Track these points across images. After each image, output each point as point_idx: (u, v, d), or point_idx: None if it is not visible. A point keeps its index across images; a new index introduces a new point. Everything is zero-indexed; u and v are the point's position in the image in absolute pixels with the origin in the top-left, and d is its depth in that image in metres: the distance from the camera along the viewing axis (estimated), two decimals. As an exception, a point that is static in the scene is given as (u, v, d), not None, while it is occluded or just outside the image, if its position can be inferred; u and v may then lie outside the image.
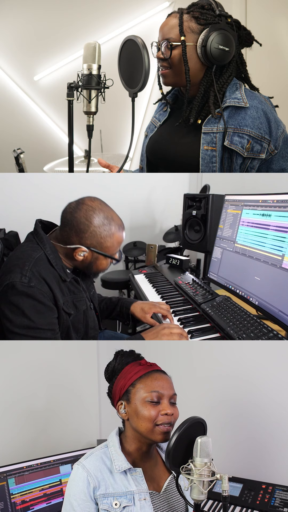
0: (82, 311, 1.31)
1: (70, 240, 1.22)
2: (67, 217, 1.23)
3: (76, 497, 0.89)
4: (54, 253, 1.23)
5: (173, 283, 1.88)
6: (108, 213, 1.24)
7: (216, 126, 1.40)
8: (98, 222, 1.21)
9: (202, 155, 1.42)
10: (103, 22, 3.09)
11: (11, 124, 3.39)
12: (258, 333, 1.18)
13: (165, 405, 0.95)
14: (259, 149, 1.39)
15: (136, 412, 0.94)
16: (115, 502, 0.89)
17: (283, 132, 1.44)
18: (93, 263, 1.27)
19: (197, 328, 1.34)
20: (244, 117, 1.37)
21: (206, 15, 1.37)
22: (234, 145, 1.38)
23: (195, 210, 2.00)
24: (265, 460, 1.48)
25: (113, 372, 1.03)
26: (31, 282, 1.12)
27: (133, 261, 3.17)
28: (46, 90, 3.32)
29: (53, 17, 3.11)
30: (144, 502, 0.91)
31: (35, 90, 3.33)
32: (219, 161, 1.41)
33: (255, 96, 1.42)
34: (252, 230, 1.47)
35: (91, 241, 1.22)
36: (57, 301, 1.19)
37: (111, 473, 0.92)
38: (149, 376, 0.98)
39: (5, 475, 1.40)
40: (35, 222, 1.30)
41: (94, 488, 0.90)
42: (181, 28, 1.36)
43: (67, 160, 1.50)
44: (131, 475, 0.93)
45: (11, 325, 1.12)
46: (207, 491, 0.82)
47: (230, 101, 1.39)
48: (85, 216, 1.20)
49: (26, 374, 1.72)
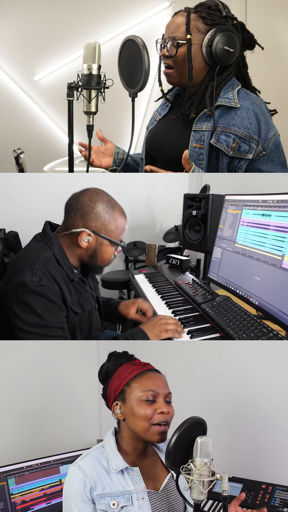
0: (87, 311, 1.33)
1: (74, 225, 1.24)
2: (71, 203, 1.26)
3: (73, 498, 0.89)
4: (62, 253, 1.24)
5: (173, 283, 1.88)
6: (111, 199, 1.29)
7: (206, 124, 1.42)
8: (102, 205, 1.24)
9: (190, 152, 1.43)
10: (103, 22, 3.09)
11: (11, 124, 3.39)
12: (258, 333, 1.18)
13: (160, 403, 0.95)
14: (246, 149, 1.41)
15: (132, 411, 0.94)
16: (112, 502, 0.89)
17: (275, 135, 1.45)
18: (98, 250, 1.27)
19: (197, 328, 1.34)
20: (233, 117, 1.39)
21: (213, 16, 1.39)
22: (220, 144, 1.40)
23: (195, 210, 2.00)
24: (265, 460, 1.48)
25: (107, 374, 1.03)
26: (42, 281, 1.13)
27: (133, 261, 3.17)
28: (46, 90, 3.32)
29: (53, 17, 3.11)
30: (142, 501, 0.91)
31: (35, 90, 3.34)
32: (206, 159, 1.43)
33: (249, 97, 1.44)
34: (252, 230, 1.47)
35: (95, 223, 1.24)
36: (66, 300, 1.20)
37: (108, 473, 0.92)
38: (144, 375, 0.98)
39: (5, 475, 1.40)
40: (45, 223, 1.32)
41: (90, 489, 0.89)
42: (188, 26, 1.38)
43: (67, 160, 1.50)
44: (128, 474, 0.93)
45: (22, 324, 1.13)
46: (207, 491, 0.82)
47: (221, 100, 1.41)
48: (89, 199, 1.24)
49: (26, 374, 1.72)
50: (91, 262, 1.31)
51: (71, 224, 1.25)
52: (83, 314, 1.31)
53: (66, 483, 0.93)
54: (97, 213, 1.24)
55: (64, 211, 1.29)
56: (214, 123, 1.40)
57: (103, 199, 1.26)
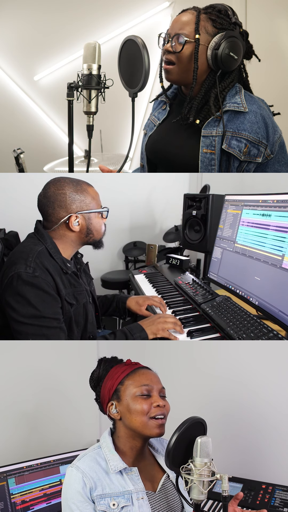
0: (82, 304, 1.35)
1: (59, 216, 1.29)
2: (43, 201, 1.31)
3: (74, 499, 0.89)
4: (55, 248, 1.28)
5: (173, 283, 1.88)
6: (72, 179, 1.34)
7: (216, 130, 1.42)
8: (69, 188, 1.30)
9: (201, 158, 1.43)
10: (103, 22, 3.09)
11: (11, 124, 3.39)
12: (258, 333, 1.18)
13: (156, 397, 0.96)
14: (256, 153, 1.41)
15: (128, 408, 0.95)
16: (112, 503, 0.89)
17: (280, 137, 1.46)
18: (90, 226, 1.32)
19: (197, 328, 1.34)
20: (242, 122, 1.39)
21: (222, 20, 1.39)
22: (232, 149, 1.40)
23: (195, 210, 2.00)
24: (265, 460, 1.48)
25: (98, 379, 1.04)
26: (36, 272, 1.17)
27: (133, 261, 3.17)
28: (46, 90, 3.31)
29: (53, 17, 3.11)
30: (142, 501, 0.91)
31: (35, 90, 3.33)
32: (218, 164, 1.43)
33: (255, 101, 1.44)
34: (252, 230, 1.47)
35: (75, 205, 1.29)
36: (60, 291, 1.23)
37: (107, 474, 0.92)
38: (136, 372, 0.99)
39: (5, 475, 1.40)
40: (36, 222, 1.35)
41: (90, 489, 0.89)
42: (198, 26, 1.37)
43: (67, 160, 1.50)
44: (126, 474, 0.93)
45: (17, 315, 1.15)
46: (207, 491, 0.82)
47: (230, 105, 1.40)
48: (56, 189, 1.29)
49: (26, 374, 1.72)
50: (90, 239, 1.35)
51: (56, 217, 1.29)
52: (78, 306, 1.33)
53: (64, 484, 0.93)
54: (70, 196, 1.29)
55: (41, 213, 1.33)
56: (224, 128, 1.39)
57: (66, 182, 1.31)
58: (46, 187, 1.32)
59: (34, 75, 3.28)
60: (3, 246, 1.46)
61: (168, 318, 1.33)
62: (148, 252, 2.45)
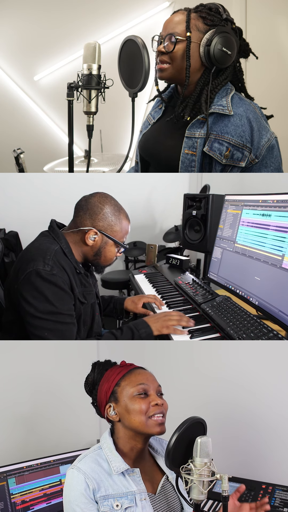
0: (90, 304, 1.39)
1: (83, 223, 1.33)
2: (82, 204, 1.35)
3: (77, 501, 0.88)
4: (69, 248, 1.33)
5: (173, 283, 1.88)
6: (118, 204, 1.38)
7: (199, 131, 1.42)
8: (110, 207, 1.34)
9: (182, 158, 1.44)
10: (103, 22, 3.09)
11: (11, 124, 3.39)
12: (258, 333, 1.18)
13: (153, 396, 0.96)
14: (239, 157, 1.40)
15: (127, 408, 0.95)
16: (116, 504, 0.88)
17: (268, 141, 1.43)
18: (102, 249, 1.35)
19: (197, 328, 1.34)
20: (226, 125, 1.38)
21: (213, 17, 1.39)
22: (213, 152, 1.40)
23: (195, 210, 2.00)
24: (265, 460, 1.48)
25: (93, 384, 1.04)
26: (53, 270, 1.21)
27: (133, 261, 3.17)
28: (46, 90, 3.31)
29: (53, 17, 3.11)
30: (145, 502, 0.91)
31: (35, 90, 3.33)
32: (198, 166, 1.43)
33: (243, 103, 1.42)
34: (252, 230, 1.47)
35: (102, 223, 1.32)
36: (73, 289, 1.28)
37: (109, 475, 0.92)
38: (132, 372, 1.00)
39: (5, 475, 1.40)
40: (51, 220, 1.39)
41: (93, 490, 0.89)
42: (188, 24, 1.37)
43: (67, 160, 1.50)
44: (128, 475, 0.93)
45: (35, 311, 1.19)
46: (207, 491, 0.82)
47: (215, 107, 1.40)
48: (99, 201, 1.34)
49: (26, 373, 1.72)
50: (95, 260, 1.38)
51: (80, 223, 1.33)
52: (87, 306, 1.37)
53: (66, 487, 0.92)
54: (105, 214, 1.32)
55: (74, 211, 1.37)
56: (207, 130, 1.39)
57: (111, 202, 1.35)
58: (94, 194, 1.36)
59: (34, 75, 3.28)
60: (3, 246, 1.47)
61: (173, 316, 1.35)
62: (148, 252, 2.45)
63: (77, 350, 1.84)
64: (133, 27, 3.06)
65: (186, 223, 2.09)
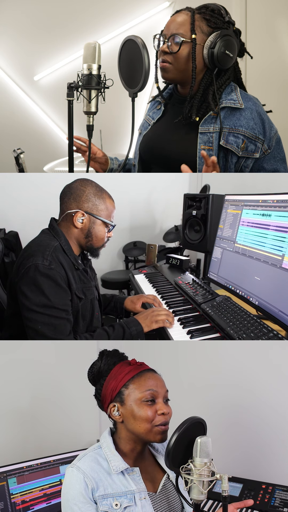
0: (89, 299, 1.42)
1: (69, 207, 1.37)
2: (65, 190, 1.40)
3: (75, 500, 0.88)
4: (68, 245, 1.36)
5: (173, 283, 1.88)
6: (99, 185, 1.42)
7: (213, 126, 1.44)
8: (91, 189, 1.39)
9: (199, 155, 1.44)
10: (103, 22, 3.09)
11: (11, 124, 3.39)
12: (258, 333, 1.18)
13: (161, 404, 0.95)
14: (253, 148, 1.44)
15: (133, 413, 0.94)
16: (115, 503, 0.88)
17: (276, 133, 1.49)
18: (92, 229, 1.39)
19: (197, 328, 1.34)
20: (239, 118, 1.42)
21: (216, 19, 1.42)
22: (230, 145, 1.43)
23: (195, 210, 2.00)
24: (265, 460, 1.48)
25: (99, 374, 1.02)
26: (52, 265, 1.24)
27: (133, 261, 3.17)
28: (46, 90, 3.32)
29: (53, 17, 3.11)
30: (145, 501, 0.91)
31: (35, 90, 3.34)
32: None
33: (250, 98, 1.47)
34: (252, 230, 1.47)
35: (87, 204, 1.37)
36: (71, 285, 1.31)
37: (108, 474, 0.92)
38: (142, 375, 0.97)
39: (5, 475, 1.40)
40: (50, 219, 1.42)
41: (92, 489, 0.88)
42: (193, 26, 1.39)
43: (67, 160, 1.50)
44: (128, 475, 0.93)
45: (30, 303, 1.22)
46: (207, 491, 0.82)
47: (226, 102, 1.43)
48: (80, 184, 1.39)
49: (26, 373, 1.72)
50: (88, 242, 1.40)
51: (66, 207, 1.37)
52: (86, 301, 1.40)
53: (65, 485, 0.91)
54: (88, 195, 1.37)
55: (60, 200, 1.41)
56: (221, 124, 1.42)
57: (92, 184, 1.40)
58: (74, 180, 1.41)
59: (34, 75, 3.28)
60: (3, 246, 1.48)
61: (161, 311, 1.40)
62: (148, 252, 2.45)
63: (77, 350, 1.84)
64: (133, 27, 3.06)
65: (186, 223, 2.09)
